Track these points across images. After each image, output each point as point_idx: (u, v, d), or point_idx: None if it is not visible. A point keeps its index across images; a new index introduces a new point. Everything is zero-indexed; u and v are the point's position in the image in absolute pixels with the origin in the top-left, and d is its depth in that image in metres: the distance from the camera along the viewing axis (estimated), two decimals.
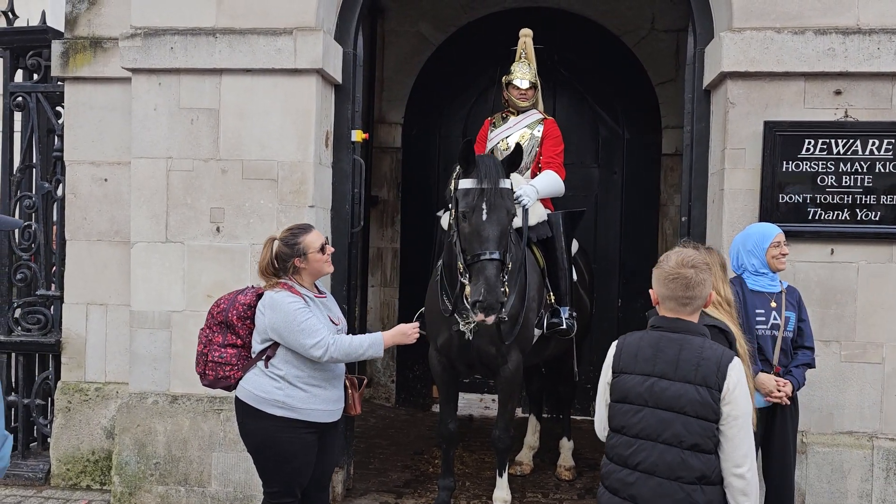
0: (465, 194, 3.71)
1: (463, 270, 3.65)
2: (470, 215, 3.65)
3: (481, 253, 3.57)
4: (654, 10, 6.91)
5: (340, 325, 3.32)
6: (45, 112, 5.05)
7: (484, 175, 3.71)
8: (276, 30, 4.39)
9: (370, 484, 5.06)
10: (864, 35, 4.07)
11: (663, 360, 2.42)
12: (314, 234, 3.26)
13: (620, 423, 2.48)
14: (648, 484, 2.39)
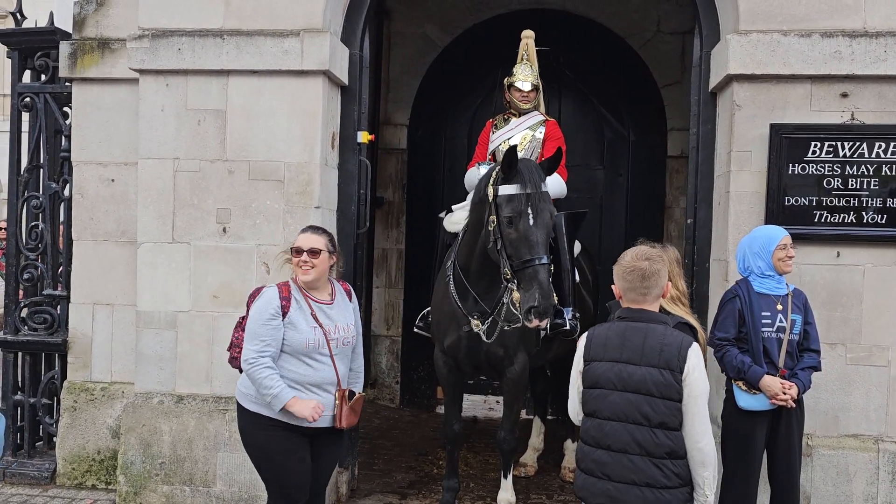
0: (510, 200, 3.69)
1: (510, 276, 3.62)
2: (517, 221, 3.64)
3: (532, 258, 3.56)
4: (660, 12, 6.92)
5: (338, 336, 3.26)
6: (53, 112, 5.07)
7: (528, 180, 3.70)
8: (283, 31, 4.40)
9: (375, 485, 5.07)
10: (871, 38, 4.07)
11: (629, 348, 2.63)
12: (301, 236, 3.30)
13: (593, 407, 2.68)
14: (622, 462, 2.60)
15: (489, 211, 3.79)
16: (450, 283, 4.24)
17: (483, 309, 4.13)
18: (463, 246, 4.17)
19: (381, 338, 7.43)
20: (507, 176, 3.74)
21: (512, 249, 3.64)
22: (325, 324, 3.23)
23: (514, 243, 3.64)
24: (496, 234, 3.71)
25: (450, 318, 4.24)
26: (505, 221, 3.69)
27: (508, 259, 3.63)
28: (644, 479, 2.57)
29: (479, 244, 3.99)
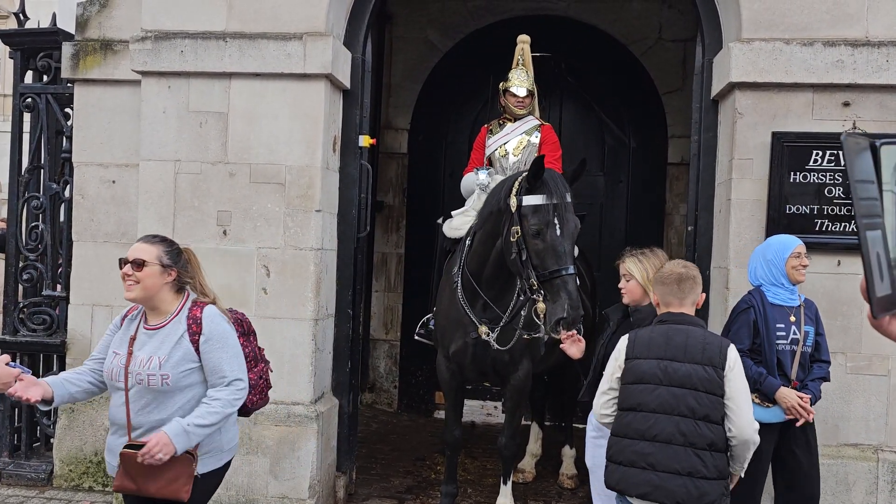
0: (536, 210, 3.66)
1: (536, 287, 3.59)
2: (544, 232, 3.62)
3: (560, 269, 3.53)
4: (662, 19, 6.93)
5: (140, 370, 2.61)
6: (55, 113, 5.07)
7: (553, 190, 3.68)
8: (286, 34, 4.41)
9: (372, 489, 5.05)
10: (873, 47, 4.07)
11: (673, 346, 2.83)
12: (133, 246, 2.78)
13: (637, 400, 2.83)
14: (666, 452, 2.76)
15: (511, 222, 3.73)
16: (457, 289, 4.23)
17: (493, 316, 4.12)
18: (473, 254, 4.15)
19: (379, 342, 7.42)
20: (532, 186, 3.70)
21: (538, 260, 3.60)
22: (135, 352, 2.65)
23: (541, 254, 3.60)
24: (520, 245, 3.66)
25: (456, 324, 4.23)
26: (531, 232, 3.64)
27: (534, 269, 3.59)
28: (686, 469, 2.74)
29: (493, 253, 3.97)
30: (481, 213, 4.22)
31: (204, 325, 2.67)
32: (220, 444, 2.74)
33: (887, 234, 0.76)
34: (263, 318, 4.44)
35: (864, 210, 0.77)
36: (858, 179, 0.78)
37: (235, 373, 2.68)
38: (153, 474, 2.57)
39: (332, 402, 4.70)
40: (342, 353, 4.79)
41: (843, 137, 0.79)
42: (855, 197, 0.78)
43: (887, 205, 0.77)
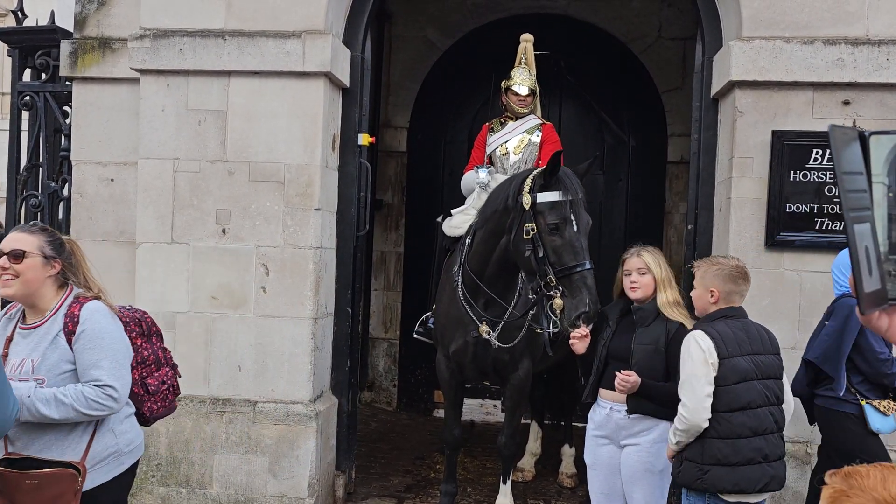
0: (553, 207, 3.65)
1: (554, 283, 3.57)
2: (562, 227, 3.61)
3: (578, 264, 3.53)
4: (662, 18, 6.92)
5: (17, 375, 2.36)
6: (53, 111, 5.06)
7: (569, 187, 3.68)
8: (285, 32, 4.39)
9: (371, 488, 5.05)
10: (874, 46, 4.07)
11: (753, 340, 3.03)
12: (8, 235, 2.52)
13: (746, 399, 2.94)
14: (771, 442, 2.98)
15: (524, 219, 3.71)
16: (457, 288, 4.22)
17: (494, 315, 4.11)
18: (475, 253, 4.14)
19: (378, 341, 7.41)
20: (548, 183, 3.70)
21: (555, 257, 3.59)
22: (9, 354, 2.43)
23: (559, 250, 3.59)
24: (535, 242, 3.63)
25: (457, 323, 4.23)
26: (548, 229, 3.62)
27: (552, 266, 3.58)
28: (780, 453, 3.01)
29: (496, 252, 3.96)
30: (482, 211, 4.21)
31: (80, 322, 2.40)
32: (117, 449, 2.50)
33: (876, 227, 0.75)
34: (263, 317, 4.44)
35: (852, 203, 0.76)
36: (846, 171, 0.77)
37: (108, 378, 2.36)
38: (32, 492, 2.31)
39: (331, 401, 4.70)
40: (341, 351, 4.78)
41: (830, 128, 0.78)
42: (842, 189, 0.77)
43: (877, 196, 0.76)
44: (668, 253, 6.96)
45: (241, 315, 4.47)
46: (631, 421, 3.28)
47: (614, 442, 3.35)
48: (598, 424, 3.39)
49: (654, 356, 3.24)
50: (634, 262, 3.34)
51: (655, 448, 3.19)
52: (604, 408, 3.37)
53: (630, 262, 3.35)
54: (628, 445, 3.30)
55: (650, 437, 3.25)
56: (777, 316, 4.11)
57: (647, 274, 3.31)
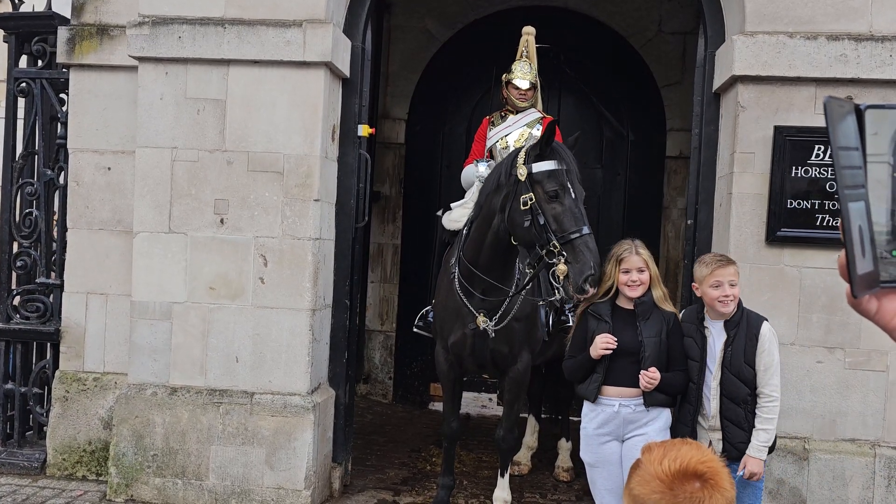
0: (551, 175, 3.67)
1: (557, 249, 3.57)
2: (561, 194, 3.63)
3: (579, 230, 3.55)
4: (662, 12, 6.90)
5: None
6: (49, 99, 5.01)
7: (563, 156, 3.72)
8: (286, 21, 4.36)
9: (368, 481, 5.04)
10: (877, 42, 4.06)
11: None
12: None
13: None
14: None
15: (519, 191, 3.73)
16: (454, 280, 4.21)
17: (491, 306, 4.09)
18: (470, 242, 4.13)
19: (375, 333, 7.39)
20: (543, 153, 3.73)
21: (556, 224, 3.60)
22: None
23: (559, 217, 3.60)
24: (535, 212, 3.65)
25: (455, 315, 4.21)
26: (546, 197, 3.64)
27: (553, 234, 3.59)
28: None
29: (489, 236, 3.95)
30: (477, 201, 4.20)
31: None
32: None
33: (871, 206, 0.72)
34: (260, 308, 4.42)
35: (847, 180, 0.73)
36: (841, 146, 0.73)
37: None
38: None
39: (328, 393, 4.68)
40: (339, 343, 4.76)
41: (826, 100, 0.74)
42: (837, 165, 0.74)
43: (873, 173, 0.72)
44: (666, 248, 6.97)
45: (238, 306, 4.44)
46: (640, 412, 3.32)
47: (616, 437, 3.35)
48: (601, 423, 3.37)
49: (660, 347, 3.32)
50: (635, 261, 3.34)
51: (662, 436, 3.25)
52: (611, 406, 3.35)
53: (630, 260, 3.35)
54: (635, 437, 3.30)
55: (657, 425, 3.31)
56: (776, 311, 4.11)
57: (646, 271, 3.35)
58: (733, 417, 3.28)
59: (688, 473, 1.25)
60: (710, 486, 1.25)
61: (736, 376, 3.26)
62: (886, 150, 0.74)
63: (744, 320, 3.29)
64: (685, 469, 1.25)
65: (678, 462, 1.26)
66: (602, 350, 3.29)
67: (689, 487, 1.24)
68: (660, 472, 1.25)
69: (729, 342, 3.27)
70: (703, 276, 3.29)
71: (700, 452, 1.29)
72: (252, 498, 4.38)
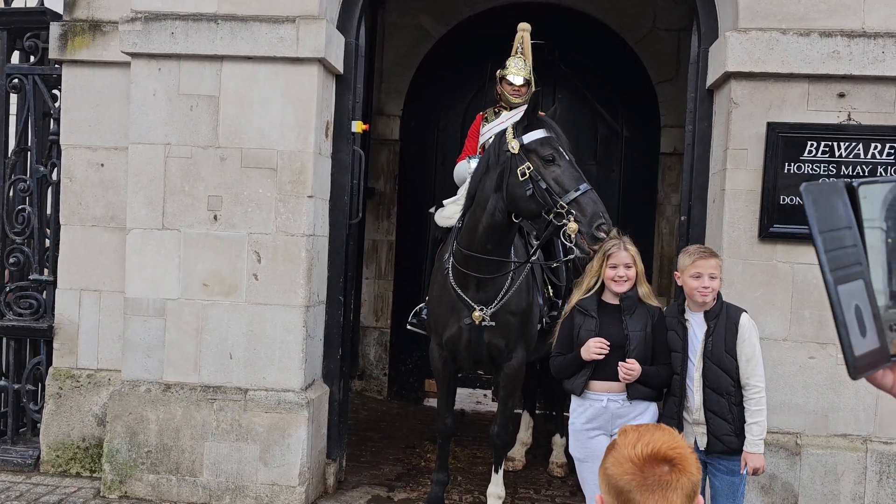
0: (543, 142, 3.80)
1: (564, 212, 3.64)
2: (557, 157, 3.76)
3: (579, 187, 3.66)
4: (656, 8, 6.90)
5: None
6: (42, 95, 4.99)
7: (550, 126, 3.86)
8: (279, 17, 4.35)
9: (362, 477, 5.05)
10: (869, 38, 4.06)
11: None
12: None
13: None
14: None
15: (515, 163, 3.82)
16: (448, 274, 4.21)
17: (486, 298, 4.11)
18: (465, 231, 4.13)
19: (369, 329, 7.40)
20: (530, 123, 3.84)
21: (558, 186, 3.70)
22: None
23: (560, 178, 3.71)
24: (535, 179, 3.73)
25: (450, 309, 4.22)
26: (543, 162, 3.75)
27: (558, 196, 3.67)
28: None
29: (485, 219, 3.97)
30: (468, 193, 4.22)
31: None
32: None
33: (873, 280, 0.70)
34: (254, 305, 4.42)
35: (836, 262, 0.71)
36: (824, 230, 0.71)
37: None
38: None
39: (322, 390, 4.68)
40: (333, 340, 4.76)
41: (803, 188, 0.73)
42: (821, 251, 0.72)
43: (873, 243, 0.71)
44: (661, 244, 6.99)
45: (232, 302, 4.44)
46: (628, 407, 3.35)
47: (605, 432, 3.37)
48: (589, 418, 3.39)
49: (646, 341, 3.36)
50: (623, 257, 3.38)
51: None
52: (599, 400, 3.37)
53: (618, 256, 3.38)
54: None
55: (644, 418, 3.34)
56: (769, 308, 4.13)
57: (633, 267, 3.40)
58: (717, 409, 3.27)
59: (658, 457, 1.33)
60: (677, 470, 1.33)
61: (717, 366, 3.25)
62: (878, 216, 0.72)
63: (723, 312, 3.30)
64: (656, 453, 1.33)
65: (650, 447, 1.34)
66: (595, 354, 3.31)
67: (658, 470, 1.32)
68: (633, 455, 1.34)
69: (710, 333, 3.28)
70: (684, 266, 3.32)
71: (671, 438, 1.37)
72: (246, 494, 4.38)
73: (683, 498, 1.33)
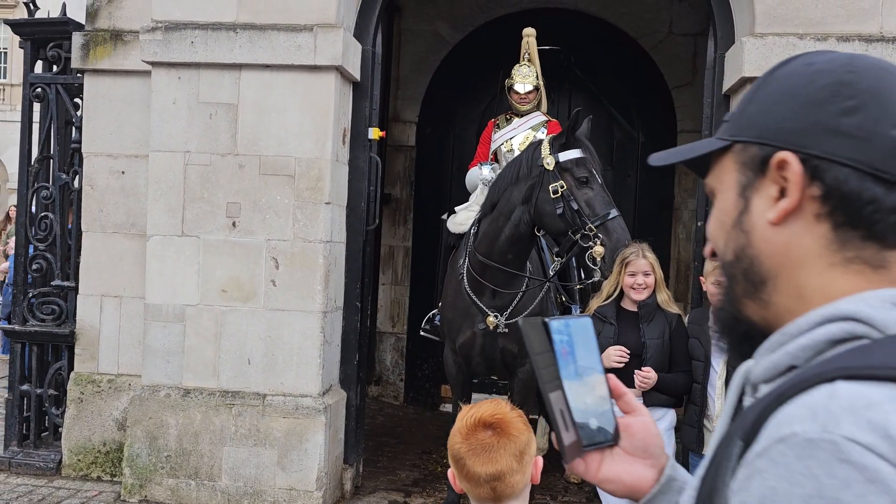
0: (579, 163, 3.84)
1: (591, 234, 3.71)
2: (591, 180, 3.81)
3: (609, 212, 3.73)
4: (672, 13, 6.90)
5: None
6: (64, 103, 5.07)
7: (587, 145, 3.91)
8: (297, 26, 4.39)
9: (379, 482, 5.06)
10: (888, 42, 4.04)
11: None
12: None
13: None
14: None
15: (545, 180, 3.85)
16: (462, 280, 4.23)
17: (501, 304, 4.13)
18: (484, 236, 4.15)
19: (386, 335, 7.42)
20: (568, 142, 3.87)
21: (589, 209, 3.76)
22: None
23: (591, 202, 3.77)
24: (566, 199, 3.78)
25: (464, 315, 4.23)
26: (577, 183, 3.80)
27: (588, 218, 3.73)
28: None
29: (507, 228, 4.00)
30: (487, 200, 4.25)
31: None
32: None
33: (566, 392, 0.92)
34: (272, 311, 4.45)
35: (545, 377, 0.92)
36: (537, 352, 0.92)
37: None
38: None
39: (339, 395, 4.71)
40: (350, 345, 4.79)
41: (521, 322, 0.94)
42: (536, 368, 0.92)
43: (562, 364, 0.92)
44: (677, 250, 6.96)
45: (250, 308, 4.48)
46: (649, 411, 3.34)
47: None
48: None
49: (663, 348, 3.37)
50: (641, 265, 3.41)
51: (667, 435, 3.29)
52: None
53: (636, 263, 3.41)
54: None
55: (662, 425, 3.34)
56: None
57: (651, 275, 3.40)
58: None
59: (481, 424, 1.48)
60: (499, 433, 1.47)
61: None
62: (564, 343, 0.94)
63: None
64: (479, 421, 1.49)
65: (474, 417, 1.49)
66: (615, 363, 3.32)
67: (482, 436, 1.47)
68: (461, 426, 1.51)
69: None
70: (709, 271, 3.31)
71: (495, 407, 1.52)
72: (264, 499, 4.41)
73: (509, 457, 1.46)
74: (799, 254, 0.74)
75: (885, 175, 0.71)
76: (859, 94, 0.74)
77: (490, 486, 1.47)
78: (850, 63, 0.77)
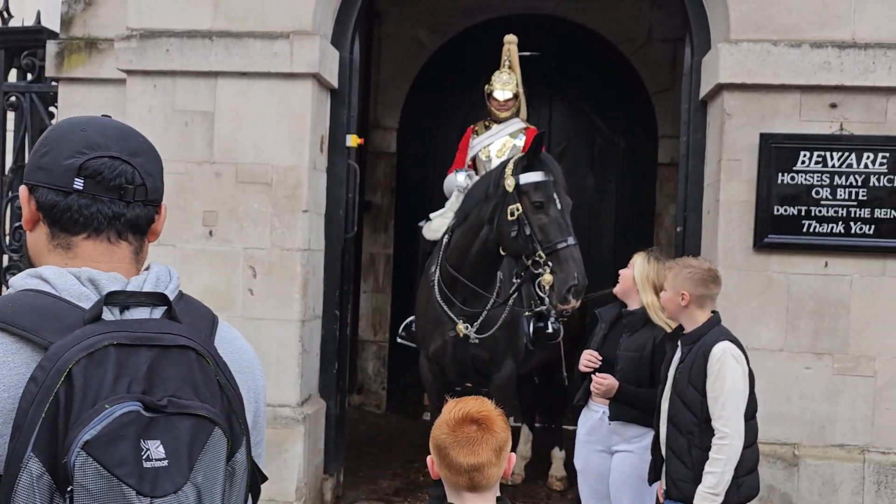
0: (538, 187, 3.76)
1: (543, 259, 3.63)
2: (547, 206, 3.73)
3: (564, 240, 3.63)
4: (652, 19, 6.93)
5: None
6: (39, 112, 5.02)
7: (551, 168, 3.81)
8: (273, 33, 4.37)
9: (360, 491, 5.03)
10: (860, 49, 4.08)
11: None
12: None
13: (755, 403, 2.91)
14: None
15: (506, 202, 3.80)
16: (434, 288, 4.22)
17: (471, 313, 4.11)
18: (454, 248, 4.15)
19: (367, 343, 7.39)
20: (531, 164, 3.80)
21: (542, 235, 3.69)
22: None
23: (545, 228, 3.69)
24: (521, 223, 3.72)
25: (435, 323, 4.23)
26: (532, 207, 3.73)
27: (539, 244, 3.65)
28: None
29: (477, 244, 3.97)
30: (460, 209, 4.24)
31: None
32: None
33: None
34: (250, 320, 4.41)
35: None
36: None
37: None
38: None
39: (319, 405, 4.67)
40: (329, 354, 4.76)
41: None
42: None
43: None
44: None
45: (227, 317, 4.36)
46: (624, 426, 3.26)
47: (606, 448, 3.34)
48: (589, 429, 3.38)
49: (640, 363, 3.23)
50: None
51: (648, 455, 3.15)
52: (595, 412, 3.36)
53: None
54: (621, 451, 3.28)
55: (643, 443, 3.20)
56: (765, 318, 4.13)
57: (629, 270, 3.34)
58: (676, 448, 2.82)
59: (467, 419, 1.59)
60: (484, 429, 1.58)
61: (680, 398, 2.82)
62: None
63: (704, 337, 2.83)
64: (465, 415, 1.59)
65: (462, 411, 1.60)
66: (583, 367, 3.31)
67: (467, 429, 1.58)
68: (448, 418, 1.61)
69: (682, 359, 2.88)
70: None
71: (481, 404, 1.62)
72: None
73: (490, 452, 1.58)
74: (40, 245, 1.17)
75: (62, 188, 1.13)
76: (49, 143, 1.16)
77: (469, 476, 1.59)
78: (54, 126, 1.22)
